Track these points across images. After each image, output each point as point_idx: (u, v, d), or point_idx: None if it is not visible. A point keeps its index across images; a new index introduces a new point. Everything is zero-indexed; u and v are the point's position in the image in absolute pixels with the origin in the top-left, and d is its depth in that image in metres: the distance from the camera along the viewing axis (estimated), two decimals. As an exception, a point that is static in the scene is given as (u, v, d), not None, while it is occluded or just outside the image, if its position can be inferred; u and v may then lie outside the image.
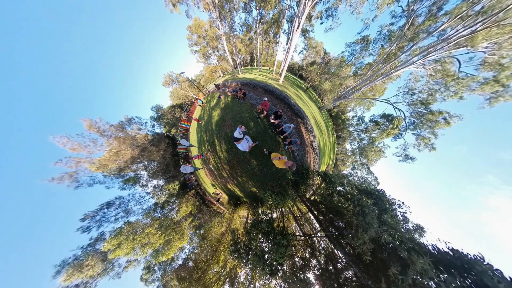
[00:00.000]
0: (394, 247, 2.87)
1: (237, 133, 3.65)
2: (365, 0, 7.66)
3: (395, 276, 2.27)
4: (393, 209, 4.16)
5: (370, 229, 3.13)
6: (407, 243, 2.87)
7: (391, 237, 3.09)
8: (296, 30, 7.96)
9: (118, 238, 8.35)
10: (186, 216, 11.75)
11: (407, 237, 3.22)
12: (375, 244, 3.14)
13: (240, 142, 3.61)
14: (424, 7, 6.83)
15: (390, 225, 3.56)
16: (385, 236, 2.92)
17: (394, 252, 2.80)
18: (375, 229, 3.14)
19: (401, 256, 2.53)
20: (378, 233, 3.10)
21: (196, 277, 6.19)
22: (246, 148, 4.12)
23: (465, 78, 6.97)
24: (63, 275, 8.64)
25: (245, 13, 10.26)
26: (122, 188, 11.32)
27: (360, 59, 10.50)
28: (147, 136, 12.10)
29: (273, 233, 4.51)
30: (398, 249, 2.66)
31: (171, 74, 12.10)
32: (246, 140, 3.93)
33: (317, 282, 3.84)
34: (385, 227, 3.38)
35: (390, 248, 2.93)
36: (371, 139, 12.54)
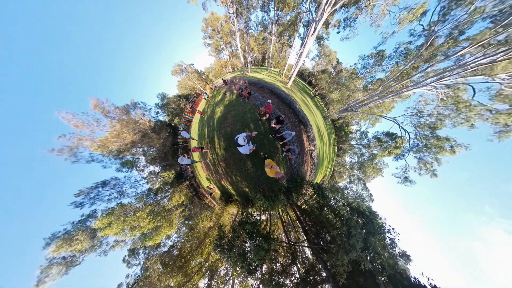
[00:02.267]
0: (373, 274, 2.84)
1: (241, 140, 3.63)
2: (386, 13, 7.46)
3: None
4: (382, 233, 4.11)
5: (352, 252, 3.11)
6: (388, 270, 2.83)
7: (373, 263, 3.06)
8: (312, 36, 7.83)
9: (109, 217, 8.55)
10: (178, 206, 11.92)
11: (391, 263, 3.18)
12: (354, 266, 3.13)
13: (242, 146, 3.62)
14: (445, 29, 6.60)
15: (375, 250, 3.52)
16: (365, 262, 2.88)
17: (372, 278, 2.78)
18: (357, 253, 3.11)
19: (378, 284, 2.51)
20: (360, 258, 3.08)
21: (179, 264, 6.31)
22: (247, 151, 4.14)
23: (478, 105, 6.76)
24: (52, 247, 8.93)
25: (262, 13, 10.14)
26: (119, 170, 11.52)
27: (372, 74, 10.28)
28: (150, 122, 12.23)
29: (256, 235, 4.56)
30: (376, 276, 2.63)
31: (181, 64, 12.13)
32: (248, 144, 3.94)
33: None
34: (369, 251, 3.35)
35: (369, 273, 2.91)
36: (372, 155, 12.36)
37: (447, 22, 6.42)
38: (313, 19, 7.70)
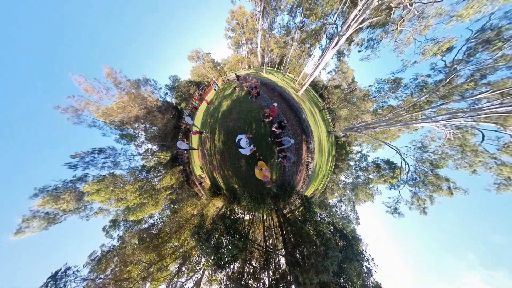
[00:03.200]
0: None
1: (243, 143, 3.63)
2: (412, 41, 7.36)
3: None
4: (360, 260, 4.07)
5: (324, 274, 3.09)
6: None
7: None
8: (332, 49, 7.78)
9: (99, 184, 8.69)
10: (167, 188, 12.04)
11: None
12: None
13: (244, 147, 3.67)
14: (467, 69, 6.47)
15: (349, 276, 3.49)
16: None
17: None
18: (329, 276, 3.09)
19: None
20: (330, 282, 3.05)
21: (155, 243, 6.40)
22: (248, 152, 4.11)
23: (484, 153, 6.63)
24: (39, 200, 9.14)
25: (289, 16, 10.12)
26: (118, 141, 11.68)
27: (384, 99, 10.16)
28: (157, 101, 12.34)
29: (234, 232, 4.58)
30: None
31: (198, 51, 12.19)
32: (248, 145, 3.94)
33: None
34: (342, 277, 3.31)
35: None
36: (367, 179, 12.23)
37: (470, 63, 6.29)
38: (337, 32, 7.64)
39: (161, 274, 6.12)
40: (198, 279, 6.42)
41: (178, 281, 6.19)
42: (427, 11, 6.25)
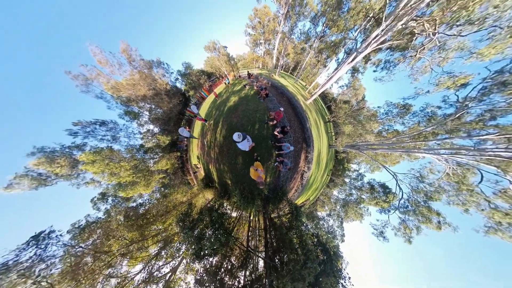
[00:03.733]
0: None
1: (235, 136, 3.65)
2: (428, 70, 7.32)
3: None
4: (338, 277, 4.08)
5: (299, 283, 3.12)
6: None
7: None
8: (348, 64, 7.77)
9: (95, 155, 8.77)
10: (160, 171, 12.11)
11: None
12: None
13: (241, 142, 3.67)
14: (478, 108, 6.43)
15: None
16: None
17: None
18: (304, 286, 3.11)
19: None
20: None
21: (140, 223, 6.46)
22: (247, 147, 4.12)
23: (480, 194, 6.60)
24: (34, 159, 9.27)
25: (311, 24, 10.10)
26: (121, 117, 11.76)
27: (391, 123, 10.12)
28: (166, 85, 12.41)
29: (219, 226, 4.62)
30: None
31: (215, 43, 12.23)
32: (247, 140, 3.93)
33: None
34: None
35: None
36: (359, 199, 12.20)
37: (483, 102, 6.25)
38: (356, 49, 7.63)
39: (140, 254, 6.18)
40: (175, 266, 6.47)
41: (155, 263, 6.25)
42: (449, 44, 6.21)
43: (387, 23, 5.52)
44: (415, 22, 5.71)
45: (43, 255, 4.21)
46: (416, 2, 4.69)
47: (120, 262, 5.53)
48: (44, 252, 4.25)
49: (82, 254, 4.85)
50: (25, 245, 4.06)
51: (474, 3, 4.46)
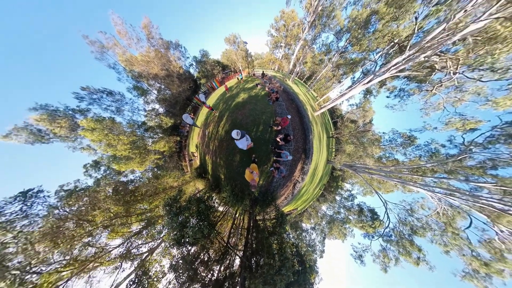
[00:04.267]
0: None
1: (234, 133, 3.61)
2: (441, 108, 7.28)
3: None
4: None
5: (270, 287, 3.15)
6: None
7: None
8: (363, 85, 7.72)
9: (96, 123, 8.78)
10: (157, 152, 12.14)
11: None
12: None
13: (239, 140, 3.65)
14: (482, 155, 6.42)
15: None
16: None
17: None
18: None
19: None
20: None
21: (127, 199, 6.51)
22: (245, 146, 4.15)
23: (465, 240, 6.63)
24: (36, 115, 9.33)
25: (334, 37, 10.03)
26: (129, 90, 11.75)
27: (393, 151, 10.11)
28: (180, 68, 12.37)
29: (204, 218, 4.65)
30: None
31: (236, 37, 12.16)
32: (246, 139, 3.94)
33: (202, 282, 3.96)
34: None
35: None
36: (346, 219, 12.25)
37: (487, 150, 6.23)
38: (374, 71, 7.58)
39: (122, 229, 6.23)
40: (153, 247, 6.53)
41: (134, 241, 6.30)
42: (467, 86, 6.16)
43: (410, 52, 5.48)
44: (438, 57, 5.67)
45: (28, 212, 4.25)
46: (443, 38, 4.64)
47: (100, 233, 5.58)
48: (30, 209, 4.29)
49: (65, 218, 4.89)
50: (12, 199, 4.10)
51: (501, 51, 4.41)
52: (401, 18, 6.35)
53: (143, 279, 4.70)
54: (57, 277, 4.23)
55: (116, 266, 5.49)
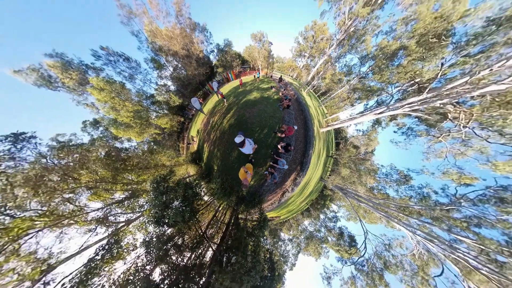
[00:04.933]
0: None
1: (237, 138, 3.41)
2: (443, 157, 7.35)
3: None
4: None
5: (236, 285, 3.19)
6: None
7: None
8: (374, 114, 7.77)
9: (106, 85, 8.74)
10: (158, 127, 12.10)
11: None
12: None
13: (244, 146, 3.46)
14: (470, 210, 6.51)
15: None
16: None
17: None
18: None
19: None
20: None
21: (117, 166, 6.49)
22: (251, 150, 3.98)
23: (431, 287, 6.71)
24: (51, 61, 9.35)
25: (358, 62, 10.07)
26: (146, 61, 11.70)
27: (386, 185, 10.20)
28: (201, 52, 12.34)
29: (188, 203, 4.67)
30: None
31: (263, 35, 12.15)
32: (249, 143, 3.79)
33: (170, 264, 3.97)
34: None
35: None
36: (325, 239, 12.31)
37: (476, 208, 6.32)
38: (387, 104, 7.63)
39: (105, 194, 6.21)
40: (131, 219, 6.52)
41: (114, 209, 6.29)
42: (473, 142, 6.23)
43: (428, 95, 5.53)
44: (453, 107, 5.72)
45: (16, 155, 4.22)
46: (463, 90, 4.68)
47: (82, 193, 5.56)
48: (18, 152, 4.25)
49: (52, 169, 4.86)
50: (3, 137, 4.07)
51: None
52: (427, 60, 6.38)
53: (113, 247, 4.69)
54: (29, 224, 4.21)
55: (91, 228, 5.47)
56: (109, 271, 4.30)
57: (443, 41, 5.81)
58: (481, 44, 5.18)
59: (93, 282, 3.75)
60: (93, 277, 3.80)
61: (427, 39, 6.12)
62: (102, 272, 4.09)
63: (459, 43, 5.62)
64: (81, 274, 3.69)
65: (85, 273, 3.71)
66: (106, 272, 4.20)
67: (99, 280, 3.92)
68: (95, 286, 3.69)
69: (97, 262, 4.07)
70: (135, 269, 3.86)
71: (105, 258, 4.26)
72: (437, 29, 5.88)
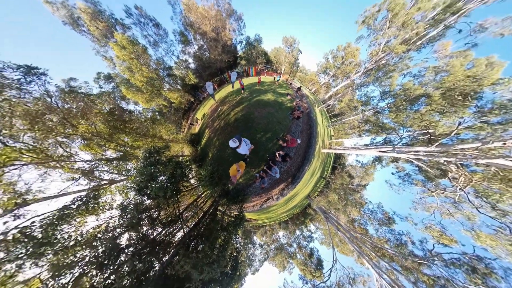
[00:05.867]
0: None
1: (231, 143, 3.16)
2: (430, 212, 7.34)
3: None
4: None
5: (196, 272, 3.23)
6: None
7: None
8: (379, 151, 7.74)
9: (129, 44, 8.76)
10: (167, 99, 12.15)
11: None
12: (182, 281, 3.20)
13: (240, 147, 3.30)
14: (440, 270, 6.52)
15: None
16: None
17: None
18: (196, 278, 3.24)
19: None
20: (194, 282, 3.15)
21: (117, 125, 6.53)
22: (246, 151, 3.83)
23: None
24: (83, 4, 9.45)
25: (379, 96, 10.00)
26: (175, 33, 11.70)
27: (368, 221, 10.22)
28: (229, 40, 12.30)
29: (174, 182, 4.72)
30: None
31: (295, 42, 12.08)
32: (245, 143, 3.67)
33: (140, 234, 4.03)
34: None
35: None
36: (294, 255, 12.38)
37: (447, 269, 6.32)
38: (394, 145, 7.60)
39: (97, 148, 6.26)
40: (114, 179, 6.57)
41: (101, 165, 6.34)
42: (464, 206, 6.22)
43: (436, 150, 5.49)
44: (456, 168, 5.69)
45: (24, 86, 4.24)
46: (471, 155, 4.65)
47: (73, 140, 5.61)
48: (27, 85, 4.27)
49: (54, 110, 4.88)
50: (15, 66, 4.08)
51: (510, 197, 4.45)
52: (447, 115, 6.31)
53: (91, 201, 4.73)
54: (17, 156, 4.25)
55: (74, 177, 5.52)
56: (80, 222, 4.35)
57: (468, 102, 5.74)
58: (502, 116, 5.12)
59: (62, 229, 3.79)
60: (63, 223, 3.84)
61: (453, 95, 6.05)
62: (73, 222, 4.14)
63: (482, 108, 5.56)
64: (53, 217, 3.74)
65: (57, 218, 3.75)
66: (77, 223, 4.25)
67: (68, 228, 3.97)
68: (63, 233, 3.73)
69: (71, 211, 4.11)
70: (105, 228, 3.90)
71: (80, 209, 4.30)
72: (465, 88, 5.81)
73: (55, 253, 3.16)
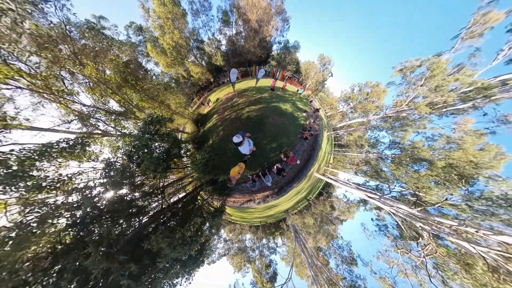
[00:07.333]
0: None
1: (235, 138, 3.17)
2: (390, 266, 7.61)
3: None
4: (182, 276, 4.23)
5: (166, 248, 3.39)
6: None
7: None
8: (367, 195, 7.89)
9: (170, 3, 8.50)
10: (187, 71, 11.90)
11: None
12: (151, 257, 3.29)
13: (242, 145, 3.28)
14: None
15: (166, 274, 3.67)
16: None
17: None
18: (167, 254, 3.40)
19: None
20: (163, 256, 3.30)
21: (127, 78, 6.35)
22: (247, 151, 3.82)
23: None
24: None
25: (388, 141, 10.14)
26: (219, 9, 11.33)
27: (333, 255, 10.52)
28: (269, 37, 12.04)
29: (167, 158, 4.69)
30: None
31: (330, 62, 12.02)
32: (248, 143, 3.68)
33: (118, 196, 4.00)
34: (168, 267, 3.51)
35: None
36: (254, 259, 12.63)
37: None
38: (383, 195, 7.75)
39: (100, 97, 6.05)
40: (109, 132, 6.38)
41: (100, 115, 6.13)
42: (420, 272, 6.49)
43: (417, 214, 5.66)
44: (428, 236, 5.89)
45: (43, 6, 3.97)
46: (447, 230, 4.82)
47: (80, 82, 5.38)
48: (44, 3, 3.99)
49: (68, 41, 4.61)
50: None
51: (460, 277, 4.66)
52: (439, 187, 6.52)
53: (78, 147, 4.56)
54: (14, 75, 4.00)
55: (68, 119, 5.31)
56: (61, 165, 4.21)
57: (461, 184, 5.92)
58: (486, 207, 5.33)
59: (41, 165, 3.65)
60: (43, 160, 3.69)
61: (451, 171, 6.22)
62: (54, 162, 3.99)
63: (472, 194, 5.75)
64: (34, 151, 3.57)
65: (39, 153, 3.59)
66: (57, 164, 4.10)
67: (48, 168, 3.82)
68: (40, 170, 3.59)
69: (54, 151, 3.95)
70: (85, 184, 3.81)
71: (64, 152, 4.14)
72: (464, 170, 5.98)
73: (27, 189, 3.05)
